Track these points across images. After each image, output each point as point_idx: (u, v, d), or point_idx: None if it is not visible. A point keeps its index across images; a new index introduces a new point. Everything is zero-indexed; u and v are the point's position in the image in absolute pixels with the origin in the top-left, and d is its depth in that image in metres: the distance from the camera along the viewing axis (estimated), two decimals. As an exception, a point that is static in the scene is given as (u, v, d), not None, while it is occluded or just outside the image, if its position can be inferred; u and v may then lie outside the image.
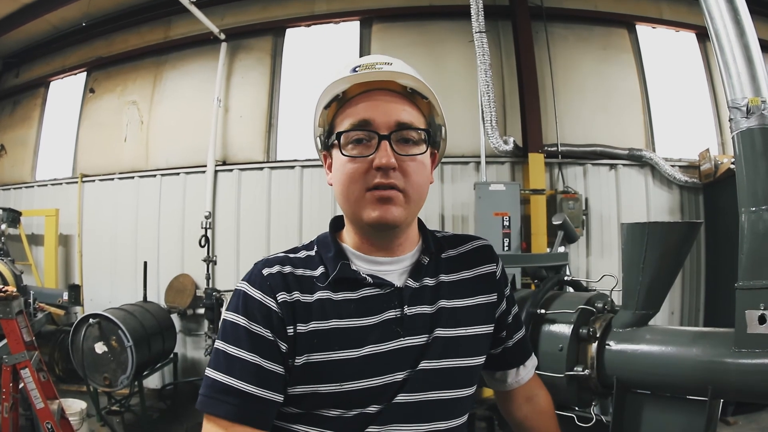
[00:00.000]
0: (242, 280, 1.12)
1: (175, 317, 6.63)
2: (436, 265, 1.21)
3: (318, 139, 1.21)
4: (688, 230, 1.76)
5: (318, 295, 1.10)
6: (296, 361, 1.06)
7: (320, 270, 1.14)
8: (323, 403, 1.07)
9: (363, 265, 1.15)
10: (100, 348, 5.18)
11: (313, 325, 1.07)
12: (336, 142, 1.12)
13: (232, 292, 1.15)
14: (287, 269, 1.12)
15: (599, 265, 6.45)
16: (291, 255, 1.18)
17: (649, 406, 1.71)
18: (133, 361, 5.13)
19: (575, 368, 1.80)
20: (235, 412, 1.02)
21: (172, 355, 6.38)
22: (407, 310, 1.12)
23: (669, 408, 1.66)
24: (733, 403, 5.00)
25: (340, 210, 1.20)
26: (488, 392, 2.35)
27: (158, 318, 5.92)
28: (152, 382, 6.70)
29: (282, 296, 1.07)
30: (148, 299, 6.45)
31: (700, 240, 6.54)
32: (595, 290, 2.22)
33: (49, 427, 3.50)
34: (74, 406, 4.69)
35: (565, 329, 1.88)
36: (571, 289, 2.38)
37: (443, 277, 1.20)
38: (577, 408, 1.90)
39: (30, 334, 3.67)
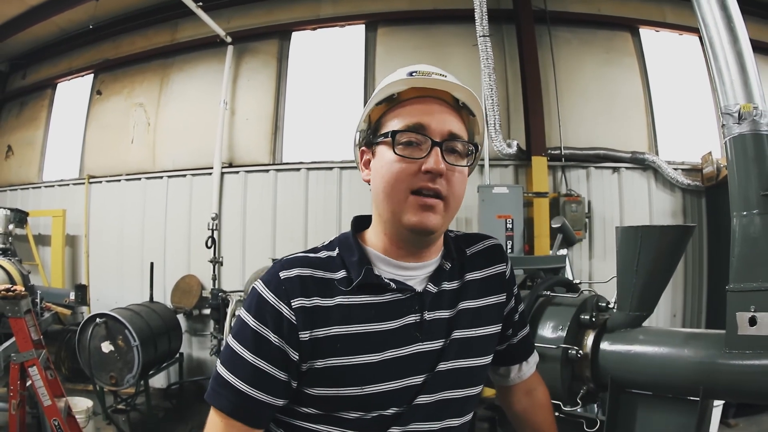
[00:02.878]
0: (260, 279, 1.13)
1: (181, 317, 6.68)
2: (453, 269, 1.23)
3: (359, 133, 1.22)
4: (680, 234, 1.79)
5: (339, 299, 1.10)
6: (316, 364, 1.07)
7: (341, 273, 1.13)
8: (343, 406, 1.09)
9: (387, 269, 1.16)
10: (106, 347, 5.24)
11: (335, 330, 1.08)
12: (385, 139, 1.13)
13: (247, 291, 1.17)
14: (306, 272, 1.11)
15: (602, 268, 6.44)
16: (311, 255, 1.17)
17: (643, 406, 1.74)
18: (139, 361, 5.18)
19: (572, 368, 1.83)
20: (231, 408, 1.07)
21: (177, 355, 6.43)
22: (427, 315, 1.15)
23: (662, 407, 1.70)
24: (734, 405, 4.98)
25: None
26: (489, 392, 2.39)
27: (164, 318, 5.98)
28: (158, 381, 6.74)
29: (299, 302, 1.07)
30: (155, 299, 6.51)
31: (703, 242, 6.54)
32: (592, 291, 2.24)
33: (56, 424, 3.54)
34: (80, 404, 4.74)
35: (560, 331, 1.91)
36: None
37: (459, 282, 1.23)
38: (569, 407, 1.93)
39: (38, 333, 3.72)
